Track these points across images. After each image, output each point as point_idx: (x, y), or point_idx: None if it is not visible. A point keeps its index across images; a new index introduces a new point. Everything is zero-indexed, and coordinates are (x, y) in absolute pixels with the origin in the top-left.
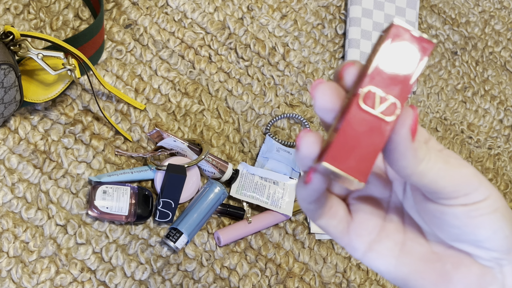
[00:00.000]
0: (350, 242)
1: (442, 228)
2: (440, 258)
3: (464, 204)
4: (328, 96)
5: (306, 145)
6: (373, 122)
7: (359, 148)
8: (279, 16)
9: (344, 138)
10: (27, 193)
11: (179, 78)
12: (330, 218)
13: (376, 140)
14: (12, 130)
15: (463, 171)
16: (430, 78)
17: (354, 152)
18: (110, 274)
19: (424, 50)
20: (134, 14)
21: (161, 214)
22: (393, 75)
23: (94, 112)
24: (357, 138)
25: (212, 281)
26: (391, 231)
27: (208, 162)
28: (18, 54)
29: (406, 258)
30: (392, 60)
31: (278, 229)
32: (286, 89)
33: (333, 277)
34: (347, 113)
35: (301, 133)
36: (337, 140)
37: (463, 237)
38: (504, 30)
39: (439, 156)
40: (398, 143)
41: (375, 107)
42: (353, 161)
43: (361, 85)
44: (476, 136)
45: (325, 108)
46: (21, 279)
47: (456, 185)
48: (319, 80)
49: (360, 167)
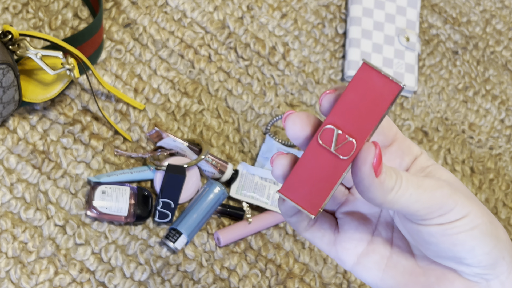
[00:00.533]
0: (337, 254)
1: (422, 245)
2: (424, 272)
3: (439, 224)
4: (298, 126)
5: (277, 167)
6: (328, 159)
7: (314, 182)
8: (279, 16)
9: (300, 170)
10: (26, 193)
11: (178, 78)
12: (315, 231)
13: (331, 176)
14: (10, 130)
15: (437, 193)
16: (431, 77)
17: (308, 184)
18: (110, 274)
19: (391, 91)
20: (133, 13)
21: (160, 215)
22: (356, 114)
23: (93, 112)
24: (312, 171)
25: (212, 282)
26: (378, 245)
27: (207, 162)
28: (17, 53)
29: (391, 272)
30: (357, 99)
31: (278, 230)
32: (286, 89)
33: (333, 278)
34: (306, 147)
35: (274, 156)
36: (294, 171)
37: (442, 254)
38: (505, 30)
39: (410, 181)
40: (362, 178)
41: (331, 145)
42: (306, 193)
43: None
44: (477, 136)
45: (295, 136)
46: (20, 280)
47: (428, 207)
48: (289, 111)
49: (313, 200)
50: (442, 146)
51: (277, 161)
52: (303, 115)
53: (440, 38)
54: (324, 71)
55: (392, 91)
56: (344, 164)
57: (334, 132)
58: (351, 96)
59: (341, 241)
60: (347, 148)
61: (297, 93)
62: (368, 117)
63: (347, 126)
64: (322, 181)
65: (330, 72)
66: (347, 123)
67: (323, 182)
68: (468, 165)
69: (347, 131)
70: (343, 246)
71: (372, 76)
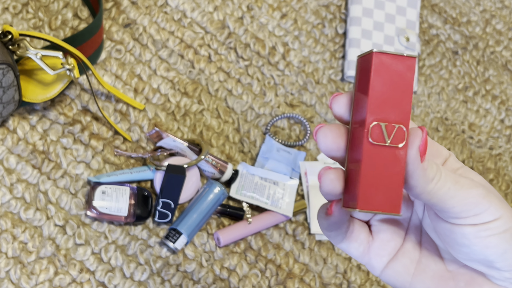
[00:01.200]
0: (370, 261)
1: (454, 247)
2: (453, 277)
3: (473, 224)
4: (330, 138)
5: (327, 182)
6: (388, 154)
7: (385, 183)
8: (279, 16)
9: (368, 179)
10: (26, 193)
11: (178, 78)
12: (351, 242)
13: (397, 168)
14: (10, 130)
15: (473, 192)
16: (431, 77)
17: (381, 188)
18: (109, 274)
19: (409, 67)
20: (133, 13)
21: (160, 215)
22: (390, 101)
23: (93, 112)
24: (379, 174)
25: (211, 282)
26: (408, 250)
27: (207, 162)
28: (17, 53)
29: (420, 276)
30: (384, 87)
31: (278, 230)
32: (286, 89)
33: (333, 278)
34: (362, 154)
35: (321, 171)
36: (362, 182)
37: (473, 257)
38: (505, 30)
39: (449, 176)
40: (408, 163)
41: (385, 139)
42: (383, 198)
43: (363, 121)
44: (477, 136)
45: (328, 149)
46: (19, 280)
47: (464, 205)
48: (319, 125)
49: (392, 200)
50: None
51: (327, 176)
52: (333, 127)
53: (440, 38)
54: (324, 71)
55: (410, 66)
56: (403, 151)
57: (381, 126)
58: (377, 87)
59: (375, 248)
60: (400, 136)
61: (297, 93)
62: (401, 99)
63: (388, 116)
64: (391, 178)
65: (330, 72)
66: (387, 113)
67: (392, 178)
68: (468, 165)
69: (391, 120)
70: (376, 253)
71: (387, 61)
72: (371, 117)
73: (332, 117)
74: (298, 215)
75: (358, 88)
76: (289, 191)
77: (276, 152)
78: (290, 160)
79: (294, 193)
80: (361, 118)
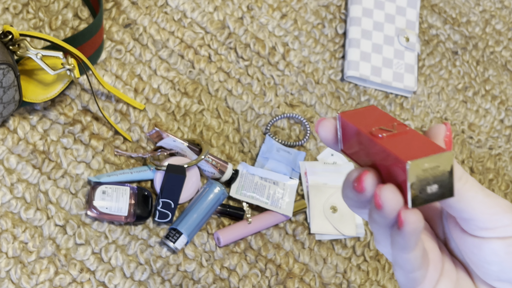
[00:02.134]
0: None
1: (482, 266)
2: None
3: (502, 238)
4: (329, 129)
5: (389, 200)
6: (403, 138)
7: (414, 144)
8: (279, 16)
9: (398, 148)
10: (26, 193)
11: (178, 78)
12: (424, 269)
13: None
14: (11, 130)
15: (501, 201)
16: (430, 78)
17: (412, 146)
18: (110, 274)
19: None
20: (133, 13)
21: (160, 215)
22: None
23: (94, 112)
24: (407, 146)
25: (211, 282)
26: (448, 270)
27: (207, 162)
28: (17, 53)
29: None
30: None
31: (278, 230)
32: (286, 89)
33: (333, 278)
34: (381, 144)
35: (379, 192)
36: (393, 150)
37: (503, 276)
38: (505, 30)
39: (476, 182)
40: None
41: (392, 131)
42: (422, 147)
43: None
44: (477, 136)
45: (331, 140)
46: (20, 280)
47: (493, 214)
48: (321, 118)
49: (432, 146)
50: None
51: (387, 194)
52: (332, 120)
53: (440, 38)
54: (324, 71)
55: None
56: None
57: (381, 128)
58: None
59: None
60: (402, 126)
61: (297, 93)
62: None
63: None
64: (418, 142)
65: (330, 72)
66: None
67: (419, 141)
68: (467, 165)
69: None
70: (428, 277)
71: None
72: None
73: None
74: (298, 215)
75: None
76: (289, 191)
77: (276, 152)
78: (290, 160)
79: (294, 193)
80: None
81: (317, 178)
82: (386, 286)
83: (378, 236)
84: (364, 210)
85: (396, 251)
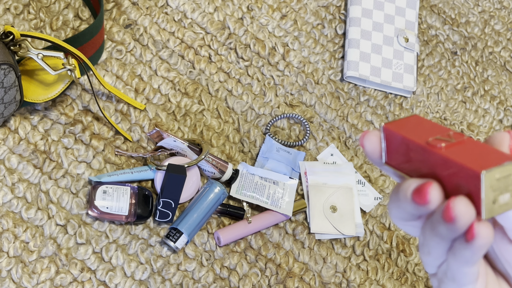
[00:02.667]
0: None
1: None
2: None
3: None
4: (374, 142)
5: (463, 213)
6: (464, 147)
7: (479, 153)
8: (279, 16)
9: (462, 157)
10: (27, 193)
11: (179, 78)
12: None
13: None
14: (12, 130)
15: None
16: (429, 78)
17: (478, 155)
18: (110, 274)
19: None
20: (134, 14)
21: (161, 214)
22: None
23: (94, 112)
24: (469, 154)
25: (212, 281)
26: (491, 282)
27: (208, 162)
28: (18, 54)
29: None
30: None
31: (278, 229)
32: (286, 89)
33: (333, 277)
34: (442, 154)
35: (452, 204)
36: (459, 156)
37: None
38: (504, 30)
39: None
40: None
41: (449, 141)
42: (488, 159)
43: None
44: (476, 136)
45: (375, 153)
46: (21, 279)
47: None
48: (365, 131)
49: (498, 155)
50: None
51: (460, 207)
52: (376, 132)
53: (439, 39)
54: (323, 72)
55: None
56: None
57: (438, 138)
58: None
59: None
60: (459, 135)
61: (296, 94)
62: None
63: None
64: (480, 150)
65: (329, 73)
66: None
67: (482, 150)
68: None
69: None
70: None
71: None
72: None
73: (331, 116)
74: (297, 214)
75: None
76: (289, 191)
77: (276, 152)
78: (290, 160)
79: (294, 192)
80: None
81: (317, 178)
82: (386, 285)
83: (434, 249)
84: (413, 222)
85: (457, 264)
